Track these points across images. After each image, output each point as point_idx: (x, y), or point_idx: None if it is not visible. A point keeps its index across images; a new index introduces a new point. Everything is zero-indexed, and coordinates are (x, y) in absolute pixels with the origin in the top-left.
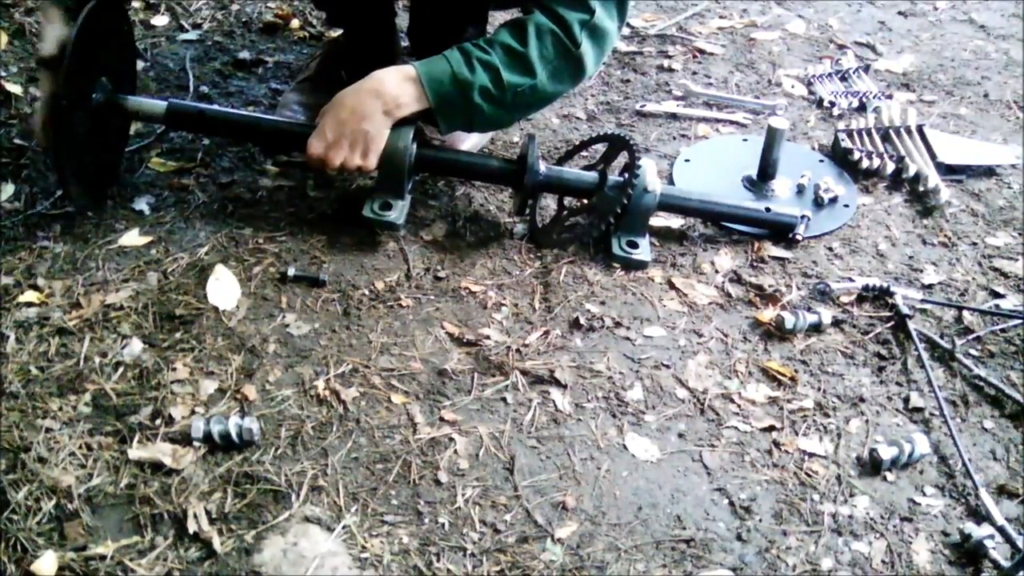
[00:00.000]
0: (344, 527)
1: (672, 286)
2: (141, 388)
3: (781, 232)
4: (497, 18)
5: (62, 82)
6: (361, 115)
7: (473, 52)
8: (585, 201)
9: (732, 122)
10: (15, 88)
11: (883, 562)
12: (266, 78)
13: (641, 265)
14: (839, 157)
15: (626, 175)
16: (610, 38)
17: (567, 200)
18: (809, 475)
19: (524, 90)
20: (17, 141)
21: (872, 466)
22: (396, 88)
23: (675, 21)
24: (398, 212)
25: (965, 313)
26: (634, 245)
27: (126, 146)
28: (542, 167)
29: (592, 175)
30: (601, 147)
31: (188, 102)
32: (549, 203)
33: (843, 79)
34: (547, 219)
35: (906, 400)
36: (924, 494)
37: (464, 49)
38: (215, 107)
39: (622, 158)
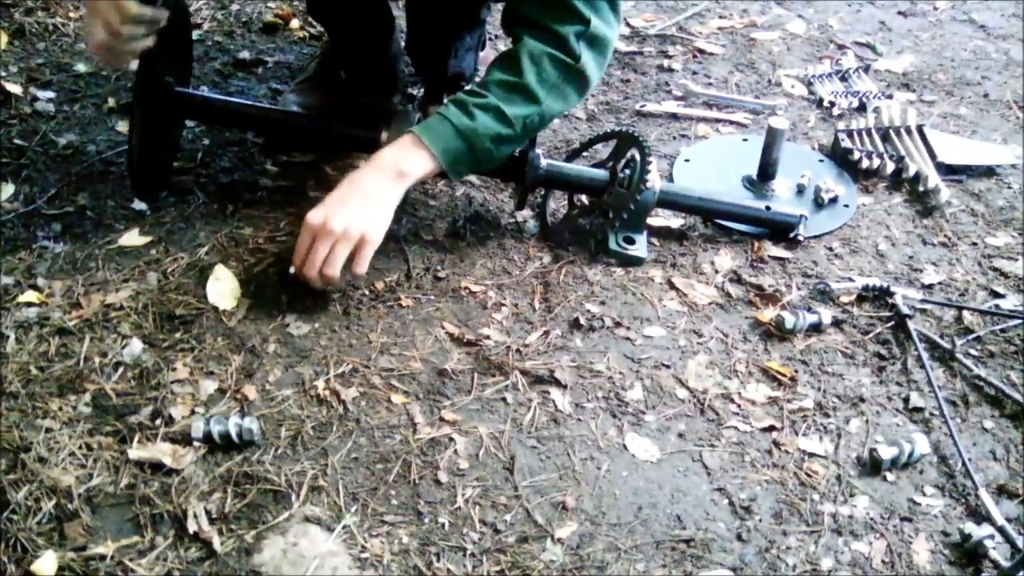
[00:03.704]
0: (344, 527)
1: (672, 286)
2: (141, 388)
3: (781, 232)
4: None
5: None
6: (367, 185)
7: (468, 100)
8: (586, 198)
9: (732, 122)
10: (15, 88)
11: (883, 562)
12: (266, 78)
13: (637, 261)
14: (839, 157)
15: (627, 171)
16: (609, 44)
17: (578, 198)
18: (809, 475)
19: (532, 119)
20: (17, 141)
21: (872, 466)
22: (399, 158)
23: (675, 21)
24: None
25: (965, 313)
26: (631, 241)
27: (176, 155)
28: (543, 162)
29: (596, 172)
30: (602, 146)
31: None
32: (561, 201)
33: (843, 79)
34: (558, 216)
35: (906, 400)
36: (924, 494)
37: (458, 101)
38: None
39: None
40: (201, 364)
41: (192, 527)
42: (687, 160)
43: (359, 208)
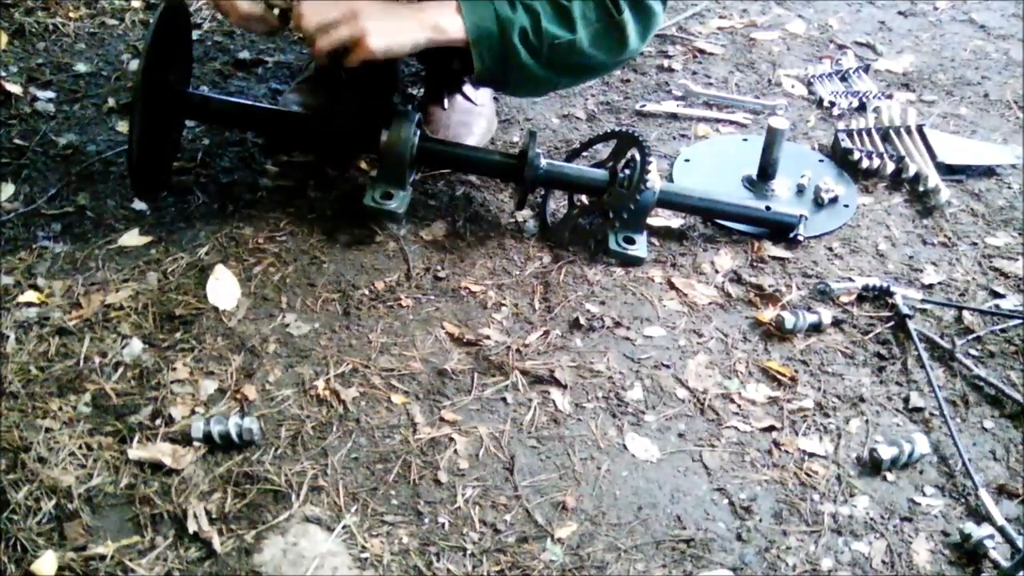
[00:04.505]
0: (344, 527)
1: (672, 286)
2: (141, 388)
3: (781, 232)
4: None
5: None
6: (398, 8)
7: None
8: (586, 198)
9: (732, 122)
10: (15, 88)
11: (883, 562)
12: (266, 78)
13: (637, 261)
14: (839, 157)
15: (627, 171)
16: (654, 17)
17: (578, 198)
18: (809, 475)
19: (562, 44)
20: (17, 141)
21: (872, 466)
22: (436, 12)
23: (675, 21)
24: (399, 202)
25: (965, 313)
26: (631, 241)
27: (176, 155)
28: (543, 162)
29: (597, 172)
30: (602, 146)
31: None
32: (561, 201)
33: (843, 79)
34: (558, 216)
35: (906, 400)
36: (924, 494)
37: None
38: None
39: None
40: (201, 364)
41: (192, 527)
42: (687, 160)
43: (380, 13)
